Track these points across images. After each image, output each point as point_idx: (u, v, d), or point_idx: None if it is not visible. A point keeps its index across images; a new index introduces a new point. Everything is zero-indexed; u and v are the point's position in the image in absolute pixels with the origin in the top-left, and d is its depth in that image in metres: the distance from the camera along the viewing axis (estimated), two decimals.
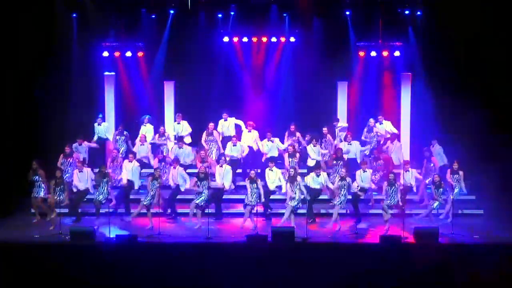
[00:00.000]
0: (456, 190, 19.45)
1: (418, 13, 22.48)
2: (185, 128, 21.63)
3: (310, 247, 17.42)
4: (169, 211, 19.44)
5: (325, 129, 21.33)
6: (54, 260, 16.75)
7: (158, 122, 22.15)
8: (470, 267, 16.60)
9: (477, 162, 20.40)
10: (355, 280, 16.69)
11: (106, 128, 21.79)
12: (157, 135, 21.41)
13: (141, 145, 20.94)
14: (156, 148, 21.26)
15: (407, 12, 22.47)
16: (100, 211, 18.90)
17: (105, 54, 22.46)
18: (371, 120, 21.69)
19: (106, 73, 22.68)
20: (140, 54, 22.62)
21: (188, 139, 21.55)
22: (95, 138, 21.60)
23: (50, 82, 21.61)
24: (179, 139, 21.03)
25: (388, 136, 21.64)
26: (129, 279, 16.68)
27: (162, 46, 22.97)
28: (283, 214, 18.72)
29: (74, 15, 22.36)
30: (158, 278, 16.71)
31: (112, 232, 17.74)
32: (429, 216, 19.14)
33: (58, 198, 18.69)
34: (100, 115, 21.86)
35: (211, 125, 21.19)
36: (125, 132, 21.50)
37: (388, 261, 16.84)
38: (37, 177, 19.06)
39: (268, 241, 17.29)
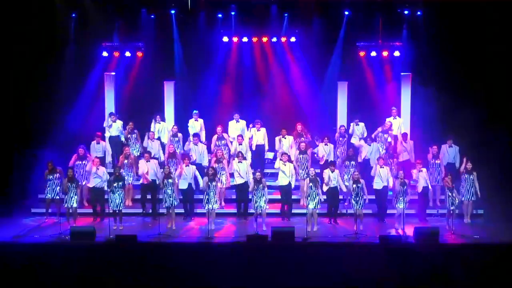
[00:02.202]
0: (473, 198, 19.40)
1: (418, 13, 22.43)
2: (201, 126, 21.53)
3: (310, 247, 17.39)
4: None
5: (342, 128, 21.34)
6: (54, 260, 16.64)
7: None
8: (470, 267, 16.52)
9: (477, 162, 20.30)
10: (355, 280, 16.57)
11: (118, 126, 21.47)
12: (170, 134, 21.13)
13: (151, 141, 20.78)
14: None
15: (406, 12, 22.43)
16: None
17: (105, 54, 22.41)
18: (388, 123, 21.49)
19: (106, 73, 22.64)
20: (139, 54, 22.55)
21: (202, 137, 21.44)
22: (107, 135, 21.39)
23: (50, 82, 21.61)
24: (195, 135, 20.73)
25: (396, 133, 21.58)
26: (129, 279, 16.57)
27: (162, 46, 22.93)
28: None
29: (74, 15, 22.26)
30: (157, 278, 16.60)
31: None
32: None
33: (71, 198, 18.65)
34: (112, 113, 21.65)
35: (219, 129, 20.93)
36: (136, 130, 21.17)
37: (388, 261, 16.72)
38: (52, 176, 19.02)
39: (268, 241, 17.25)
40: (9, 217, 19.49)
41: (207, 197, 18.52)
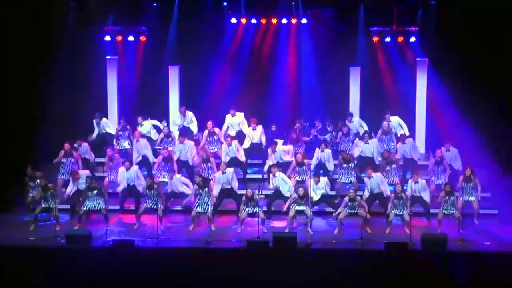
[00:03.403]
0: (472, 198, 18.46)
1: None
2: (192, 119, 20.81)
3: (313, 253, 16.89)
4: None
5: (345, 128, 20.37)
6: (48, 264, 16.29)
7: (162, 109, 21.51)
8: (481, 277, 15.90)
9: (494, 156, 19.62)
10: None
11: (105, 123, 20.75)
12: (161, 135, 20.28)
13: (136, 142, 19.86)
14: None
15: None
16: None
17: (107, 38, 21.75)
18: (385, 123, 20.50)
19: (109, 57, 22.02)
20: (143, 38, 21.86)
21: (194, 128, 20.79)
22: (94, 135, 20.63)
23: (49, 67, 21.03)
24: (181, 133, 19.97)
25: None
26: (126, 284, 16.17)
27: (166, 29, 22.24)
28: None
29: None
30: (155, 284, 16.20)
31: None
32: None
33: (48, 205, 18.10)
34: (97, 115, 20.78)
35: (209, 124, 20.07)
36: (128, 126, 20.40)
37: (394, 269, 16.18)
38: (34, 183, 18.48)
39: (270, 247, 16.73)
40: (9, 213, 19.17)
41: (198, 202, 18.05)
